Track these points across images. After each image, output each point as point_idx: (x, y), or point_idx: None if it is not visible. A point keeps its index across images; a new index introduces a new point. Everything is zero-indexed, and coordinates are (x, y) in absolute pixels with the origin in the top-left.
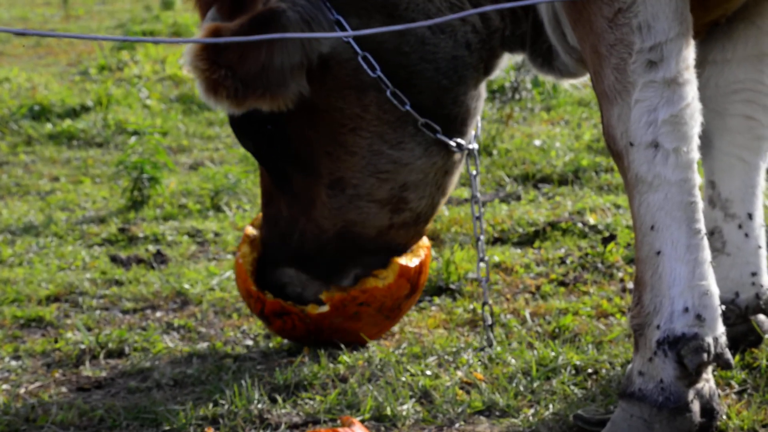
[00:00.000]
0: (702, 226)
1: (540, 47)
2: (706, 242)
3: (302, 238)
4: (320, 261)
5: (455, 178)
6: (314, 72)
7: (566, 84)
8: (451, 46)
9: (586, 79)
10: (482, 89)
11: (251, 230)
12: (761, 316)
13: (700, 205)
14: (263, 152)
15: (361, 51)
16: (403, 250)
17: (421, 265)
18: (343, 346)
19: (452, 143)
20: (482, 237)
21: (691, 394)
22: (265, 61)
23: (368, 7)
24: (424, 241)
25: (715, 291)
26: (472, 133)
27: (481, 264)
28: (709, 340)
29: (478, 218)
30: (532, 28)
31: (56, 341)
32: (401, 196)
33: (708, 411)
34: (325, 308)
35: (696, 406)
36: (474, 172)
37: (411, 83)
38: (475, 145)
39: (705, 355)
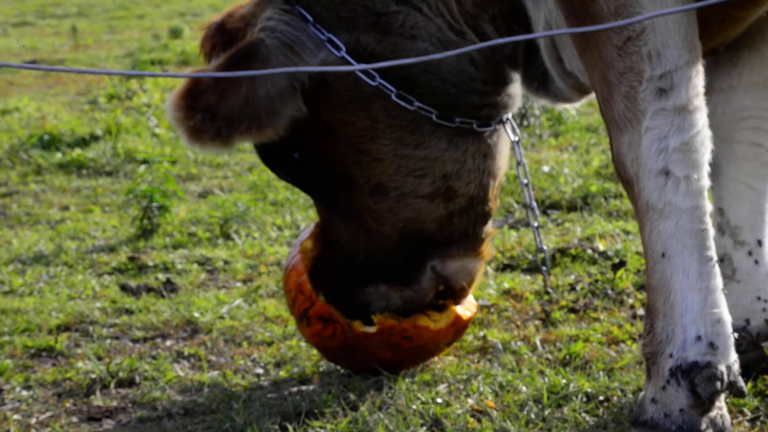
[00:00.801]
0: (713, 253)
1: (535, 71)
2: (717, 269)
3: (370, 251)
4: (396, 266)
5: (502, 159)
6: (316, 92)
7: (560, 107)
8: (455, 59)
9: (579, 104)
10: (514, 88)
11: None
12: None
13: (712, 232)
14: (300, 180)
15: (357, 63)
16: (473, 233)
17: (470, 320)
18: (353, 374)
19: (474, 124)
20: (529, 185)
21: (704, 423)
22: (248, 94)
23: (359, 25)
24: (473, 301)
25: (728, 319)
26: (507, 115)
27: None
28: (722, 368)
29: (527, 185)
30: (525, 51)
31: (67, 371)
32: (447, 186)
33: None
34: (372, 329)
35: None
36: (516, 138)
37: (416, 86)
38: (507, 115)
39: (718, 384)
